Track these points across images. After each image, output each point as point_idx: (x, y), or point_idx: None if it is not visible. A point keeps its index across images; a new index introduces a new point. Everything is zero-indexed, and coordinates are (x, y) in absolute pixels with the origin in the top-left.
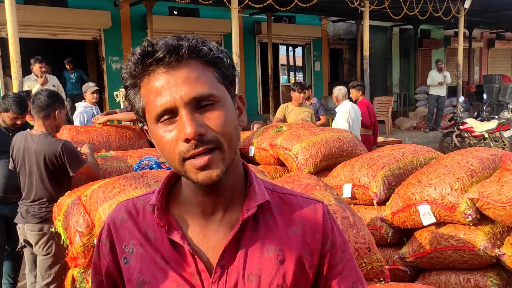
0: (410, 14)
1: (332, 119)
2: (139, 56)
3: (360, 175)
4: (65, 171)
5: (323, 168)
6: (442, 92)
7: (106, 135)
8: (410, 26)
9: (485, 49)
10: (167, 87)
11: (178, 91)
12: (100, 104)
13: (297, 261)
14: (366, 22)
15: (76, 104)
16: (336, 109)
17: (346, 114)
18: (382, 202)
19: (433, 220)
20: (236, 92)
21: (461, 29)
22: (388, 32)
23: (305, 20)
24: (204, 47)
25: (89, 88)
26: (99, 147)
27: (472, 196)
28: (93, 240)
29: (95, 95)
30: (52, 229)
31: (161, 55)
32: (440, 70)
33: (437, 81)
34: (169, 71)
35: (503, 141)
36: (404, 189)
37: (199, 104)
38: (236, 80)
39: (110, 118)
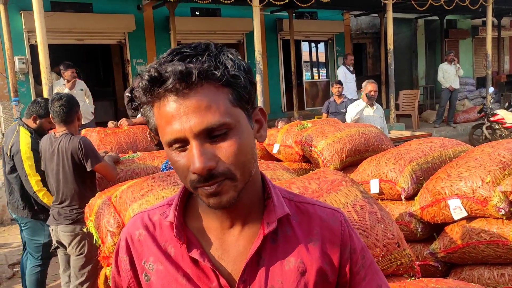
0: (436, 4)
1: None
2: (147, 83)
3: (387, 170)
4: (86, 167)
5: (349, 164)
6: (456, 84)
7: (133, 136)
8: (436, 17)
9: None
10: (177, 116)
11: (188, 121)
12: None
13: (318, 272)
14: (390, 15)
15: None
16: None
17: None
18: (410, 197)
19: (464, 214)
20: (259, 104)
21: (489, 18)
22: (412, 24)
23: (327, 16)
24: (218, 69)
25: None
26: (126, 148)
27: (504, 189)
28: None
29: None
30: (84, 230)
31: (170, 86)
32: (451, 62)
33: (451, 74)
34: (178, 99)
35: None
36: (433, 183)
37: (210, 134)
38: (259, 81)
39: (131, 124)
